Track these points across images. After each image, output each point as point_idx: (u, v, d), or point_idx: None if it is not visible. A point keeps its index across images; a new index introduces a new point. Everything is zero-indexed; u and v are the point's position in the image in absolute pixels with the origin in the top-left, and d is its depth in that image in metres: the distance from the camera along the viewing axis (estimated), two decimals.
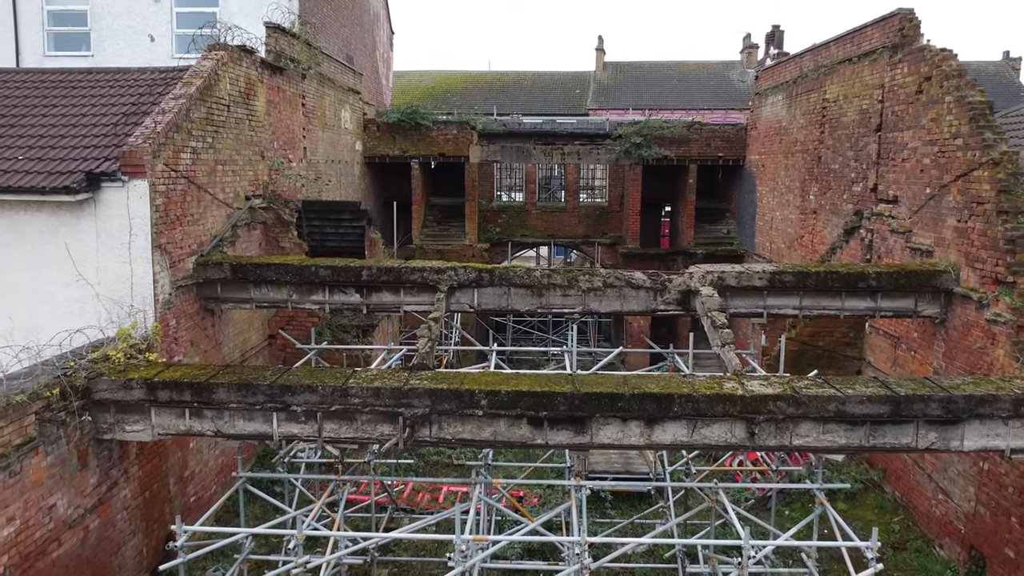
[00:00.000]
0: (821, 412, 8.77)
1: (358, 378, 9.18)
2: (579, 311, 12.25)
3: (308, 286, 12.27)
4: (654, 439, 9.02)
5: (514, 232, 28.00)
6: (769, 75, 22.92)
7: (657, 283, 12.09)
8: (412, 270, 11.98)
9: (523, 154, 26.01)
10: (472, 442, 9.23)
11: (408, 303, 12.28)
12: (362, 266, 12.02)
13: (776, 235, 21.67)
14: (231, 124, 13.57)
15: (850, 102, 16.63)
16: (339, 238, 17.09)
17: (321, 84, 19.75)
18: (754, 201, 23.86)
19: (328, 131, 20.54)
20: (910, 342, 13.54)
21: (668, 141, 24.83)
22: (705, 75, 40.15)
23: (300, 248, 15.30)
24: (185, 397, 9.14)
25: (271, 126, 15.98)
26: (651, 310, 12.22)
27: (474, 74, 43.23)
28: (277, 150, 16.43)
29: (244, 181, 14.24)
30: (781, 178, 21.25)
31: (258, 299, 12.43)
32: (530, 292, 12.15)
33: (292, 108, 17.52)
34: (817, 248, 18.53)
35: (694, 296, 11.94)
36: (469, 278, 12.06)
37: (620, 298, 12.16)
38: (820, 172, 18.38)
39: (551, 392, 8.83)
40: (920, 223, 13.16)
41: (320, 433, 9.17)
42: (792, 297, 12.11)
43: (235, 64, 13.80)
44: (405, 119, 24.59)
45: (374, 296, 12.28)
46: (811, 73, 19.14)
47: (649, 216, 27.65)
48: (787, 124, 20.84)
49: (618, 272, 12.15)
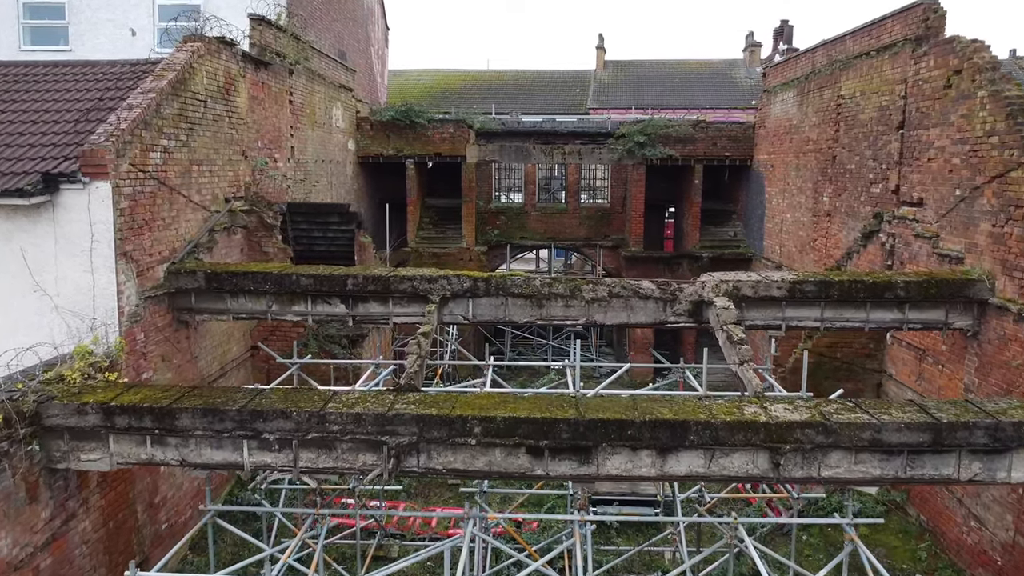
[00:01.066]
0: (854, 441, 7.86)
1: (337, 402, 8.26)
2: (582, 323, 11.33)
3: (289, 296, 11.35)
4: (667, 470, 8.11)
5: (513, 234, 27.06)
6: (779, 71, 21.99)
7: (667, 293, 11.17)
8: (401, 279, 11.06)
9: (522, 154, 25.07)
10: (465, 472, 8.32)
11: (397, 314, 11.35)
12: (347, 274, 11.09)
13: (786, 238, 20.75)
14: (208, 121, 12.65)
15: (868, 98, 15.71)
16: (327, 242, 16.17)
17: (310, 80, 18.83)
18: (762, 203, 22.93)
19: (318, 129, 19.62)
20: (937, 355, 12.61)
21: (673, 140, 23.89)
22: (707, 74, 39.24)
23: (285, 253, 14.38)
24: (145, 423, 8.22)
25: (255, 124, 15.06)
26: (660, 322, 11.30)
27: (472, 73, 42.39)
28: (261, 149, 15.51)
29: (223, 182, 13.32)
30: (792, 179, 20.33)
31: (235, 310, 11.50)
32: (529, 303, 11.22)
33: (278, 105, 16.60)
34: (831, 252, 17.61)
35: (707, 307, 11.03)
36: (463, 287, 11.14)
37: (627, 309, 11.23)
38: (835, 172, 17.46)
39: (552, 419, 7.91)
40: (949, 227, 12.24)
41: (296, 463, 8.26)
42: (813, 308, 11.18)
43: (213, 57, 12.88)
44: (400, 117, 23.63)
45: (360, 307, 11.36)
46: (825, 69, 18.22)
47: (652, 218, 26.71)
48: (798, 122, 19.92)
49: (624, 281, 11.23)
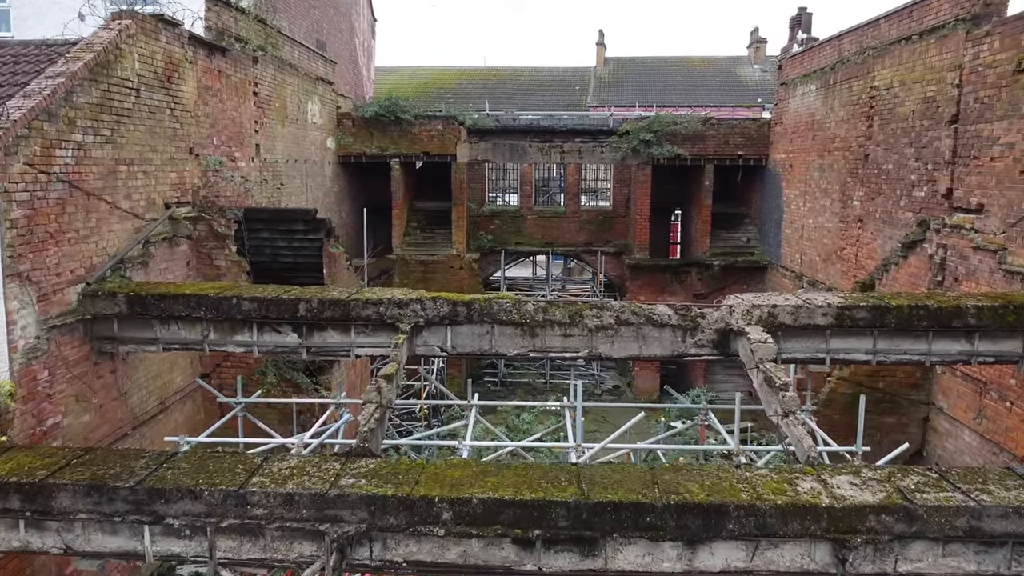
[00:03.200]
0: (944, 530, 5.94)
1: (264, 475, 6.31)
2: (584, 355, 9.39)
3: (230, 323, 9.39)
4: (697, 565, 6.18)
5: (508, 240, 25.14)
6: (798, 62, 20.05)
7: (687, 320, 9.22)
8: (365, 303, 9.11)
9: (518, 152, 23.12)
10: (433, 566, 6.39)
11: (361, 345, 9.40)
12: (299, 298, 9.13)
13: (808, 245, 18.81)
14: (142, 113, 10.71)
15: (909, 89, 13.78)
16: (293, 253, 14.19)
17: (280, 70, 16.88)
18: (779, 206, 21.00)
19: (290, 126, 17.67)
20: (1004, 390, 10.68)
21: (681, 138, 21.95)
22: (711, 71, 37.50)
23: (239, 267, 12.42)
24: (13, 504, 6.29)
25: (207, 117, 13.11)
26: (679, 354, 9.36)
27: (468, 70, 40.58)
28: (217, 147, 13.56)
29: (163, 185, 11.38)
30: (815, 180, 18.40)
31: (166, 340, 9.54)
32: (520, 331, 9.28)
33: (240, 97, 14.65)
34: (863, 263, 15.69)
35: (736, 337, 9.09)
36: (440, 313, 9.19)
37: (638, 339, 9.29)
38: (867, 173, 15.53)
39: (546, 501, 5.97)
40: (1020, 239, 10.31)
41: (212, 553, 6.32)
42: (864, 338, 9.23)
43: (149, 38, 10.93)
44: (384, 113, 21.66)
45: (316, 336, 9.41)
46: (854, 57, 16.28)
47: (657, 222, 24.75)
48: (822, 117, 17.99)
49: (635, 305, 9.26)
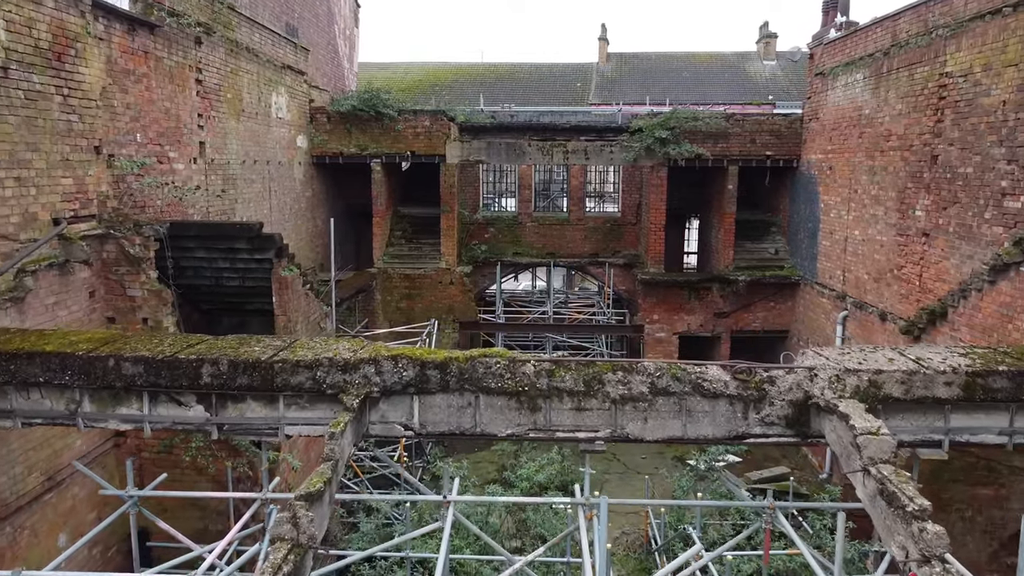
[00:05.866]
0: None
1: None
2: (604, 436, 6.73)
3: (110, 391, 6.74)
4: None
5: (504, 250, 22.48)
6: (839, 49, 17.40)
7: (749, 387, 6.57)
8: (295, 367, 6.45)
9: (516, 152, 20.47)
10: None
11: (294, 422, 6.74)
12: (202, 358, 6.46)
13: (854, 261, 16.17)
14: (13, 101, 8.06)
15: (997, 76, 11.15)
16: (240, 275, 11.59)
17: (234, 55, 14.23)
18: (815, 213, 18.36)
19: (247, 120, 15.02)
20: None
21: (702, 136, 19.30)
22: (718, 67, 35.03)
23: (159, 298, 9.75)
24: None
25: (129, 108, 10.47)
26: (737, 436, 6.70)
27: (465, 66, 38.12)
28: (142, 145, 10.92)
29: (50, 195, 8.72)
30: (862, 184, 15.76)
31: (25, 413, 6.87)
32: (517, 403, 6.62)
33: (176, 84, 12.00)
34: (929, 286, 13.05)
35: (821, 415, 6.44)
36: (403, 378, 6.54)
37: (680, 414, 6.64)
38: (936, 178, 12.89)
39: None
40: None
41: None
42: (998, 413, 6.59)
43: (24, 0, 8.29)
44: (363, 107, 18.98)
45: (231, 408, 6.75)
46: (916, 39, 13.64)
47: (669, 230, 22.07)
48: (873, 112, 15.35)
49: (678, 368, 6.60)
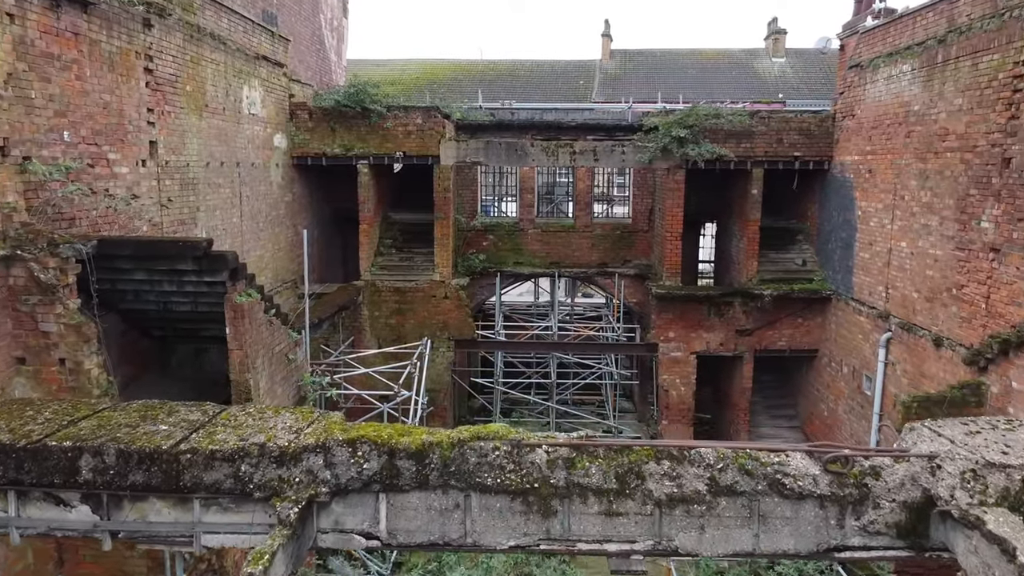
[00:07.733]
0: None
1: None
2: (644, 549, 4.88)
3: None
4: None
5: (504, 259, 20.59)
6: (879, 38, 15.52)
7: (846, 484, 4.73)
8: (210, 458, 4.59)
9: (516, 153, 18.60)
10: None
11: (214, 529, 4.88)
12: (80, 447, 4.59)
13: (900, 276, 14.30)
14: None
15: None
16: (191, 301, 9.73)
17: (195, 42, 12.37)
18: (850, 221, 16.49)
19: (212, 117, 13.15)
20: None
21: (723, 135, 17.43)
22: (726, 64, 33.37)
23: (79, 334, 7.87)
24: None
25: (51, 100, 8.61)
26: (828, 549, 4.86)
27: (464, 63, 36.45)
28: (72, 145, 9.06)
29: None
30: (911, 190, 13.90)
31: None
32: (523, 505, 4.77)
33: (118, 73, 10.14)
34: (999, 309, 11.20)
35: (948, 523, 4.60)
36: (363, 472, 4.68)
37: (751, 521, 4.78)
38: (1008, 184, 11.04)
39: None
40: None
41: None
42: None
43: None
44: (348, 103, 17.10)
45: (127, 509, 4.89)
46: (982, 23, 11.79)
47: (684, 238, 20.24)
48: (924, 108, 13.49)
49: (747, 456, 4.76)
